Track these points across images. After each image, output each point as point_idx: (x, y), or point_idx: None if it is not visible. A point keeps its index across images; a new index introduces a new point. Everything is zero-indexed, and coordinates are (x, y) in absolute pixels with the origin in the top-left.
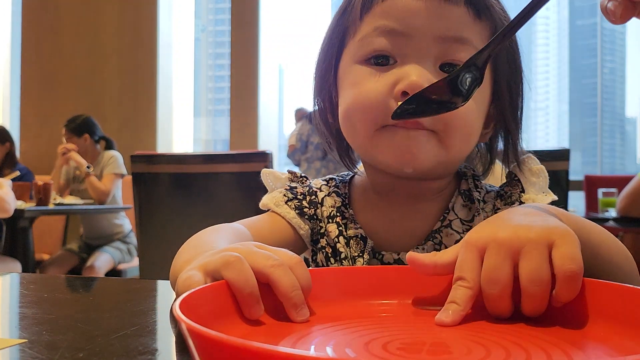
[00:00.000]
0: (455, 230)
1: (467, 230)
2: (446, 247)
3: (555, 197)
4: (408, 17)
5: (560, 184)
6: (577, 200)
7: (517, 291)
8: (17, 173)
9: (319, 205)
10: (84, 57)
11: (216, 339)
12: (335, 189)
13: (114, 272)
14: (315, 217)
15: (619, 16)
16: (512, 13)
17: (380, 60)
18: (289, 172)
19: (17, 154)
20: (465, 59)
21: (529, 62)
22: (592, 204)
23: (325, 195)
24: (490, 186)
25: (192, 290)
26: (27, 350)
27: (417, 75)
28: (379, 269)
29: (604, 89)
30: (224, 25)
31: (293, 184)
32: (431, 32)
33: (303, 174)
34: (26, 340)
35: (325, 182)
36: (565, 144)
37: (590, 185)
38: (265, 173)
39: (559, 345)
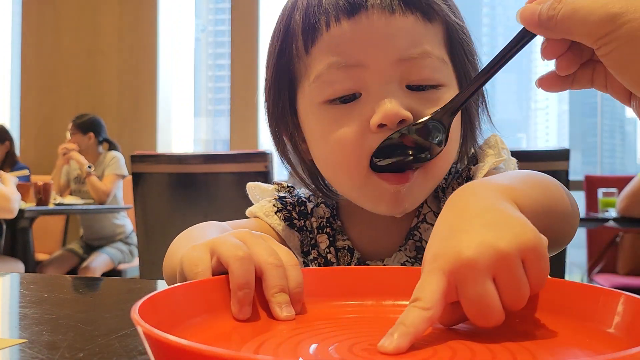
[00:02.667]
0: (429, 224)
1: None
2: (426, 242)
3: (504, 157)
4: (358, 47)
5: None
6: (577, 200)
7: None
8: (26, 172)
9: (308, 216)
10: (84, 57)
11: (163, 341)
12: (324, 199)
13: (113, 272)
14: (305, 228)
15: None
16: (512, 13)
17: (344, 98)
18: (275, 183)
19: (17, 153)
20: (429, 74)
21: (528, 62)
22: (592, 204)
23: (315, 206)
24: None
25: (158, 291)
26: (27, 350)
27: (389, 104)
28: (358, 269)
29: None
30: (224, 25)
31: (282, 194)
32: (387, 58)
33: (290, 184)
34: (26, 340)
35: (312, 192)
36: (565, 144)
37: (590, 185)
38: (250, 187)
39: (525, 346)
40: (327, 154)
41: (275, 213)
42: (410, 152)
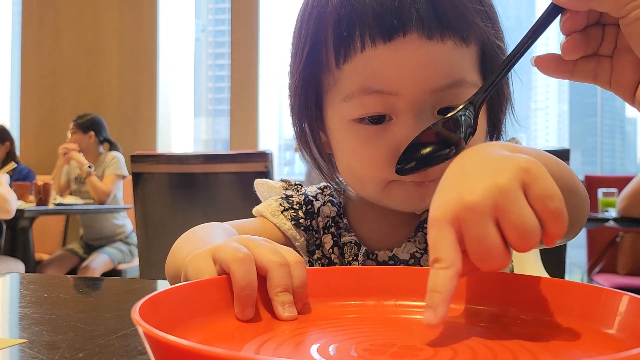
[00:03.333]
0: None
1: None
2: None
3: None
4: (392, 75)
5: None
6: None
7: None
8: (14, 164)
9: (315, 215)
10: (84, 57)
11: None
12: (331, 198)
13: (113, 273)
14: (311, 227)
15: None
16: (513, 13)
17: (375, 120)
18: (283, 180)
19: (17, 153)
20: (461, 101)
21: (528, 62)
22: (592, 204)
23: (321, 205)
24: None
25: (163, 290)
26: (27, 350)
27: (417, 132)
28: (360, 270)
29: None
30: (224, 25)
31: (288, 192)
32: (421, 87)
33: (297, 182)
34: (26, 340)
35: (320, 191)
36: (565, 144)
37: (590, 185)
38: (258, 183)
39: (525, 346)
40: (354, 167)
41: (282, 212)
42: (433, 149)
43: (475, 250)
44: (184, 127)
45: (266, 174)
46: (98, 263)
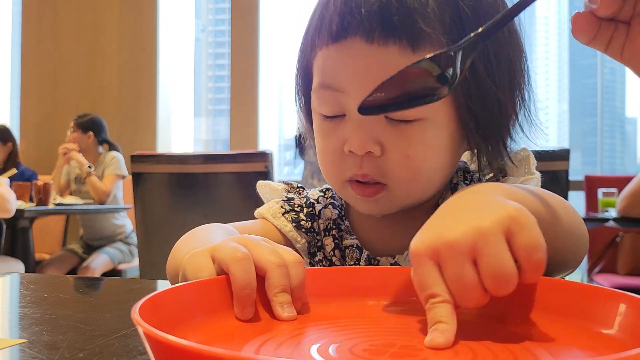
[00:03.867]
0: None
1: None
2: None
3: (535, 175)
4: (339, 73)
5: (560, 184)
6: (577, 200)
7: None
8: (15, 170)
9: (316, 217)
10: (84, 57)
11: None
12: (332, 200)
13: (114, 272)
14: (312, 229)
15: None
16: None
17: (330, 116)
18: (285, 183)
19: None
20: (413, 111)
21: (528, 62)
22: (592, 204)
23: (322, 208)
24: (482, 177)
25: (155, 292)
26: (27, 350)
27: (360, 134)
28: (360, 270)
29: (604, 89)
30: (224, 25)
31: (290, 195)
32: (366, 88)
33: (300, 185)
34: (26, 340)
35: (322, 193)
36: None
37: (590, 185)
38: (261, 185)
39: (526, 346)
40: (320, 162)
41: (283, 215)
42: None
43: (452, 287)
44: (184, 127)
45: (266, 174)
46: (98, 263)
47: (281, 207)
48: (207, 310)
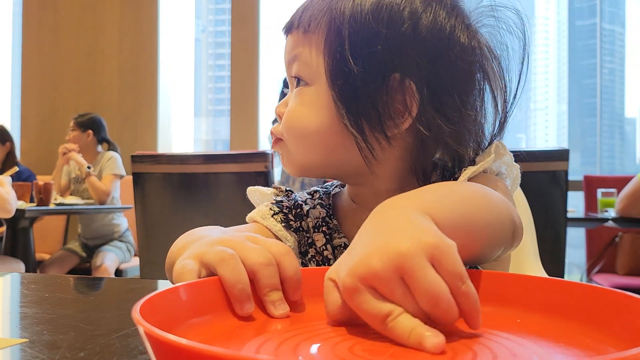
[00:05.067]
0: None
1: None
2: None
3: (490, 157)
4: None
5: (559, 184)
6: (576, 200)
7: None
8: (16, 168)
9: (304, 217)
10: (84, 57)
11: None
12: (320, 201)
13: (114, 272)
14: (301, 228)
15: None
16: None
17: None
18: (274, 187)
19: (18, 154)
20: (298, 72)
21: (528, 62)
22: (591, 204)
23: (310, 208)
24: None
25: (155, 293)
26: (28, 350)
27: (278, 105)
28: None
29: (603, 90)
30: (224, 25)
31: (279, 198)
32: (285, 63)
33: (288, 189)
34: (27, 339)
35: (310, 196)
36: (564, 144)
37: (590, 185)
38: (251, 191)
39: (526, 346)
40: None
41: (272, 216)
42: None
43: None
44: (184, 127)
45: (266, 174)
46: (110, 261)
47: (270, 209)
48: (208, 309)
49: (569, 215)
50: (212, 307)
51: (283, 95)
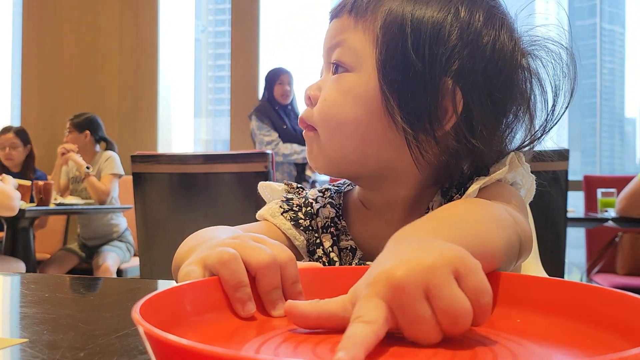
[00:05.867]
0: None
1: None
2: None
3: (504, 168)
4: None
5: (559, 184)
6: (576, 200)
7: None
8: (29, 183)
9: (314, 216)
10: (84, 57)
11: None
12: (330, 200)
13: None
14: (310, 228)
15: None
16: (511, 11)
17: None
18: (286, 183)
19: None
20: (340, 58)
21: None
22: (591, 204)
23: (321, 207)
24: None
25: (154, 293)
26: (28, 350)
27: (309, 86)
28: (357, 269)
29: (603, 90)
30: (224, 25)
31: (289, 195)
32: (325, 47)
33: (299, 186)
34: (27, 339)
35: (321, 194)
36: (564, 144)
37: (590, 185)
38: (262, 186)
39: (525, 345)
40: None
41: (282, 214)
42: None
43: (411, 330)
44: (184, 127)
45: (266, 174)
46: (113, 261)
47: (280, 207)
48: (208, 309)
49: (569, 215)
50: (212, 307)
51: None
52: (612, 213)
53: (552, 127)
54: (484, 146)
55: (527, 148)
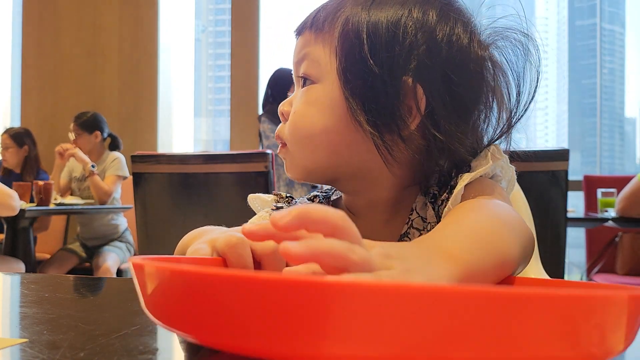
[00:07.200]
0: (416, 229)
1: (427, 227)
2: None
3: (488, 164)
4: None
5: (559, 184)
6: (576, 200)
7: None
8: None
9: None
10: (84, 57)
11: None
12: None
13: (116, 272)
14: None
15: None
16: (512, 11)
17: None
18: (274, 194)
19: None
20: (306, 71)
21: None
22: (591, 204)
23: None
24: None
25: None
26: (28, 350)
27: (282, 103)
28: None
29: (603, 90)
30: (224, 25)
31: (280, 205)
32: (293, 64)
33: (289, 195)
34: (27, 339)
35: (309, 202)
36: (564, 144)
37: (590, 185)
38: (251, 198)
39: None
40: None
41: None
42: None
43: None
44: (184, 127)
45: (266, 174)
46: (113, 261)
47: (270, 215)
48: None
49: (569, 215)
50: None
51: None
52: (612, 213)
53: (520, 117)
54: (454, 141)
55: (498, 140)
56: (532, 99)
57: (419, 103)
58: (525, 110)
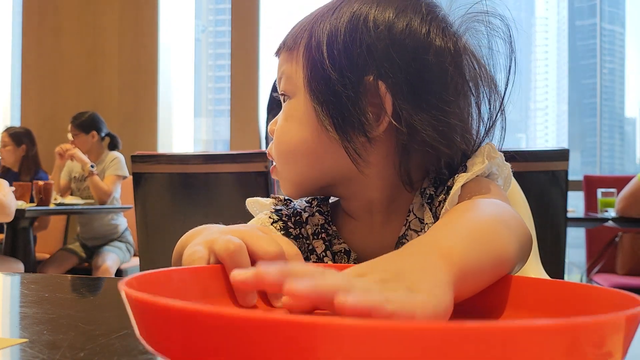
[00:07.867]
0: (414, 230)
1: (424, 228)
2: None
3: (484, 163)
4: None
5: (559, 184)
6: (576, 200)
7: None
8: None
9: (303, 224)
10: (84, 57)
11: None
12: (319, 208)
13: (115, 272)
14: (300, 236)
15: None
16: (512, 13)
17: None
18: (273, 197)
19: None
20: (285, 89)
21: (528, 63)
22: (591, 204)
23: (309, 215)
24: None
25: (143, 272)
26: (28, 350)
27: (270, 123)
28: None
29: (603, 90)
30: (224, 25)
31: (278, 207)
32: (277, 83)
33: (287, 197)
34: (27, 339)
35: (308, 204)
36: (564, 144)
37: (590, 185)
38: (250, 202)
39: None
40: None
41: (272, 224)
42: None
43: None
44: (184, 127)
45: (266, 174)
46: (112, 262)
47: (269, 217)
48: (209, 295)
49: (569, 215)
50: (213, 293)
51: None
52: (612, 213)
53: (501, 108)
54: (428, 136)
55: (484, 133)
56: (509, 88)
57: (383, 100)
58: (503, 98)
